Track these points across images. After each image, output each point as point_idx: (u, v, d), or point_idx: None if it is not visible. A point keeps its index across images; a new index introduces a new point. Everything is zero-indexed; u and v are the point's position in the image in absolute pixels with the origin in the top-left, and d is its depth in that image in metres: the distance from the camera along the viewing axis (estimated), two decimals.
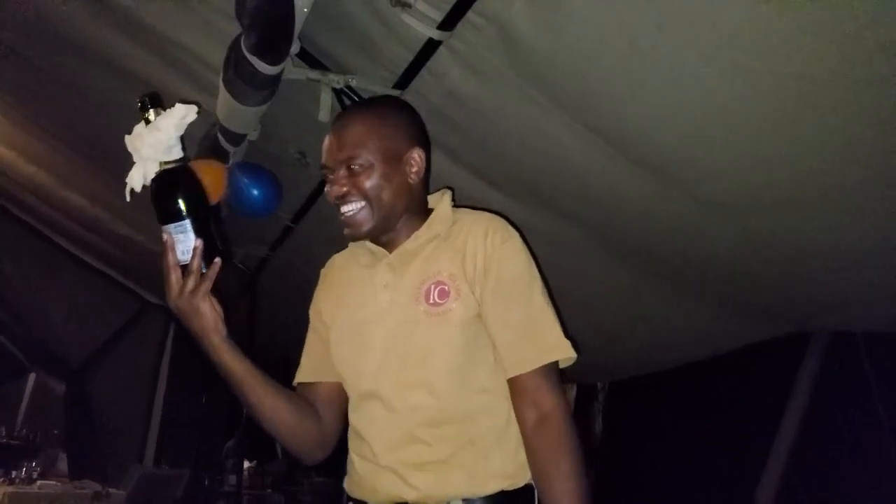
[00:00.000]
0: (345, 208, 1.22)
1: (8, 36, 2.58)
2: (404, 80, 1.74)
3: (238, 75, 1.69)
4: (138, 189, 1.15)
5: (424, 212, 1.29)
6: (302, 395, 1.32)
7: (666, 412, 3.27)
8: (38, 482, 3.61)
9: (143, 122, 1.15)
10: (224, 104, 1.89)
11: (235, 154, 2.20)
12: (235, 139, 2.10)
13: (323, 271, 1.41)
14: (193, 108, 1.15)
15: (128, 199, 1.16)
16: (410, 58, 1.66)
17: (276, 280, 3.61)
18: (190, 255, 1.12)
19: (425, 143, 1.30)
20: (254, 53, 1.59)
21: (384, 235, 1.26)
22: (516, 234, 1.25)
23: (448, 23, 1.48)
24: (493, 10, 1.41)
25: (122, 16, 2.07)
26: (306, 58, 1.85)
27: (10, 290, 5.04)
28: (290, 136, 2.38)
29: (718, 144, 1.56)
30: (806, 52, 1.25)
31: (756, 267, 2.07)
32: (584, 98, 1.57)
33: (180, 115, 1.14)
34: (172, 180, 1.13)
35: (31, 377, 6.20)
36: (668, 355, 2.95)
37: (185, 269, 1.12)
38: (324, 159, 1.25)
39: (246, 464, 8.66)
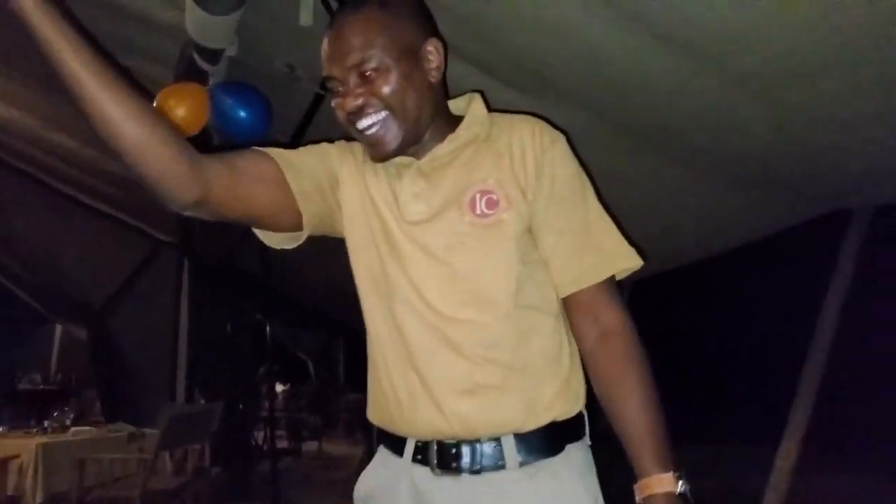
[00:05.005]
0: (363, 122, 1.04)
1: None
2: None
3: None
4: None
5: (449, 116, 1.13)
6: (245, 157, 1.06)
7: (700, 305, 3.18)
8: (72, 429, 3.62)
9: None
10: (192, 17, 1.72)
11: (215, 74, 2.02)
12: (212, 56, 1.93)
13: (349, 143, 1.16)
14: None
15: None
16: None
17: None
18: None
19: (436, 31, 1.11)
20: None
21: (410, 149, 1.10)
22: (562, 136, 1.12)
23: None
24: None
25: None
26: None
27: (23, 243, 5.06)
28: (275, 48, 2.21)
29: (746, 13, 1.40)
30: None
31: (792, 142, 1.95)
32: None
33: None
34: None
35: (58, 327, 6.32)
36: (702, 245, 2.84)
37: None
38: (327, 70, 1.05)
39: (279, 387, 8.89)
